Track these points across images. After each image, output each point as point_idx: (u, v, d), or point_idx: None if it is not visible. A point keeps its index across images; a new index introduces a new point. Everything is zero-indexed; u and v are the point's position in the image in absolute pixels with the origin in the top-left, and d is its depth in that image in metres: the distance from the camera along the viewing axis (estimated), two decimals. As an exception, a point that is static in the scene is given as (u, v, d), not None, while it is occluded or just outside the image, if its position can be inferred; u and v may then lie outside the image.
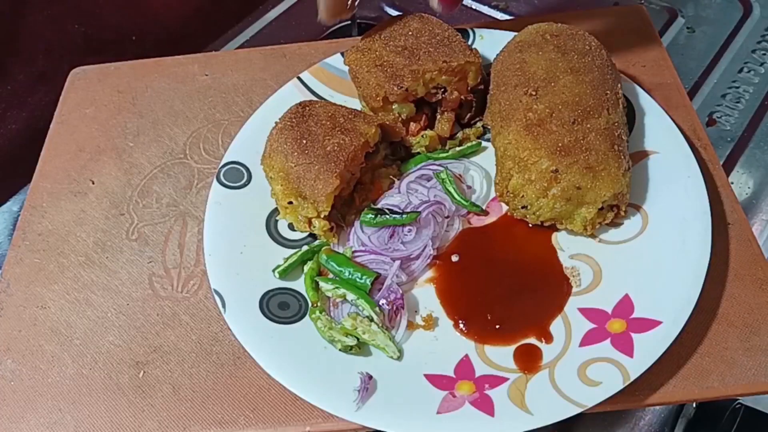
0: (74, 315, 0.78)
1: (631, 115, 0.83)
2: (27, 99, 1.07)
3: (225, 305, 0.73)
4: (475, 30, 0.94)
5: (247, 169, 0.84)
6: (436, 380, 0.68)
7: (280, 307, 0.74)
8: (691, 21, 1.12)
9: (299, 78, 0.92)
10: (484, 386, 0.67)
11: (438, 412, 0.65)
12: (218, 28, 1.21)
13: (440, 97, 0.85)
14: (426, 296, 0.75)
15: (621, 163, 0.73)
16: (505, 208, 0.80)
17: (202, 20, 1.22)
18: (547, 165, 0.73)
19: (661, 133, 0.82)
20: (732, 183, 0.84)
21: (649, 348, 0.66)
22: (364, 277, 0.74)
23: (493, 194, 0.82)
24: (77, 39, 1.10)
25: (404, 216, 0.78)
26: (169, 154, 0.92)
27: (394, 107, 0.84)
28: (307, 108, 0.82)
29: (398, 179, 0.84)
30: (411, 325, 0.73)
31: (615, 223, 0.77)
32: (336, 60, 0.94)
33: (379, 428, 0.65)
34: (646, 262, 0.73)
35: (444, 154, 0.86)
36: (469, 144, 0.87)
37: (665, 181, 0.78)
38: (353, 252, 0.78)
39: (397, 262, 0.76)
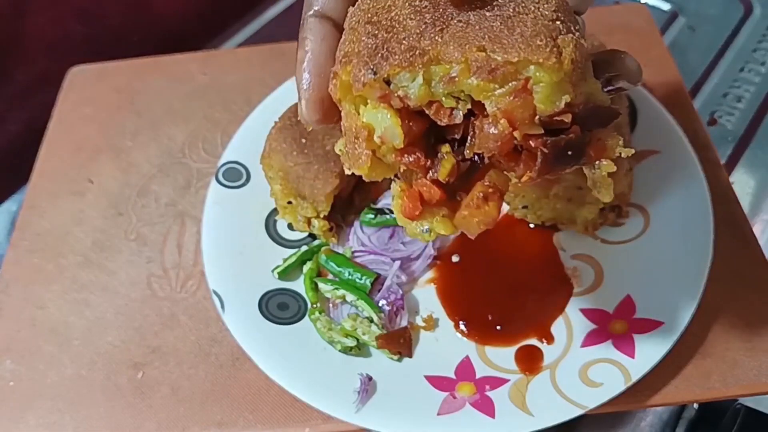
0: (73, 315, 0.78)
1: (633, 115, 0.83)
2: (28, 100, 1.07)
3: (224, 306, 0.72)
4: None
5: (246, 169, 0.84)
6: (437, 381, 0.68)
7: (279, 307, 0.73)
8: (692, 20, 1.12)
9: (299, 77, 0.91)
10: (485, 387, 0.66)
11: (438, 414, 0.65)
12: (217, 26, 1.20)
13: (461, 124, 0.44)
14: (426, 297, 0.75)
15: (623, 163, 0.73)
16: (506, 208, 0.80)
17: (200, 19, 1.21)
18: (548, 165, 0.72)
19: (662, 132, 0.81)
20: (733, 183, 0.84)
21: (651, 349, 0.66)
22: (363, 277, 0.74)
23: (493, 194, 0.82)
24: (79, 40, 1.09)
25: (404, 216, 0.78)
26: (168, 154, 0.92)
27: (361, 112, 0.45)
28: (307, 107, 0.81)
29: (398, 179, 0.83)
30: (411, 326, 0.72)
31: (616, 224, 0.77)
32: (336, 59, 0.93)
33: (379, 430, 0.64)
34: (648, 263, 0.73)
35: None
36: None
37: (667, 181, 0.78)
38: (353, 252, 0.78)
39: (397, 263, 0.75)
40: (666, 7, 1.14)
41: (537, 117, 0.42)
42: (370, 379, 0.67)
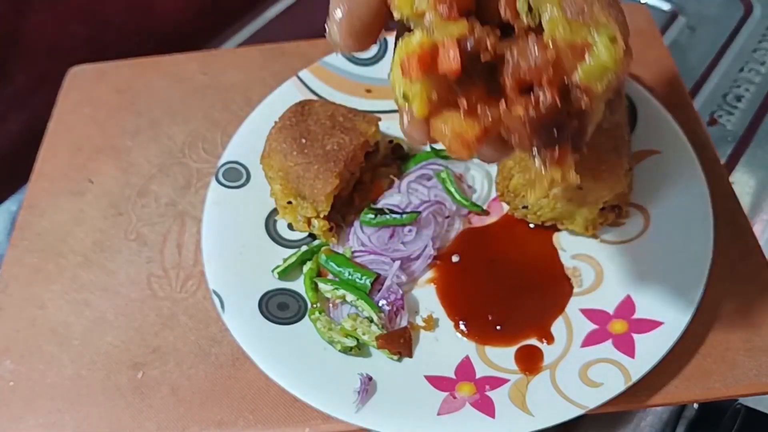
0: (73, 315, 0.78)
1: (633, 115, 0.83)
2: (28, 101, 1.07)
3: (224, 306, 0.72)
4: None
5: (246, 169, 0.84)
6: (437, 381, 0.68)
7: (279, 307, 0.73)
8: (692, 20, 1.12)
9: (298, 76, 0.92)
10: (485, 387, 0.66)
11: (438, 414, 0.65)
12: (217, 26, 1.20)
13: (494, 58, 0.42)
14: (426, 297, 0.75)
15: (623, 163, 0.73)
16: (506, 208, 0.80)
17: (200, 19, 1.21)
18: (548, 165, 0.72)
19: (662, 132, 0.81)
20: (733, 183, 0.84)
21: (651, 349, 0.66)
22: (363, 277, 0.74)
23: (494, 194, 0.82)
24: (79, 40, 1.09)
25: (404, 216, 0.78)
26: (168, 154, 0.92)
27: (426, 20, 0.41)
28: (307, 107, 0.81)
29: (398, 179, 0.83)
30: (411, 326, 0.72)
31: (616, 224, 0.77)
32: (336, 58, 0.93)
33: (379, 430, 0.64)
34: (648, 263, 0.73)
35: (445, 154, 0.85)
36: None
37: (667, 181, 0.78)
38: (353, 252, 0.77)
39: (397, 263, 0.75)
40: (666, 7, 1.14)
41: (565, 78, 0.41)
42: (370, 379, 0.67)
